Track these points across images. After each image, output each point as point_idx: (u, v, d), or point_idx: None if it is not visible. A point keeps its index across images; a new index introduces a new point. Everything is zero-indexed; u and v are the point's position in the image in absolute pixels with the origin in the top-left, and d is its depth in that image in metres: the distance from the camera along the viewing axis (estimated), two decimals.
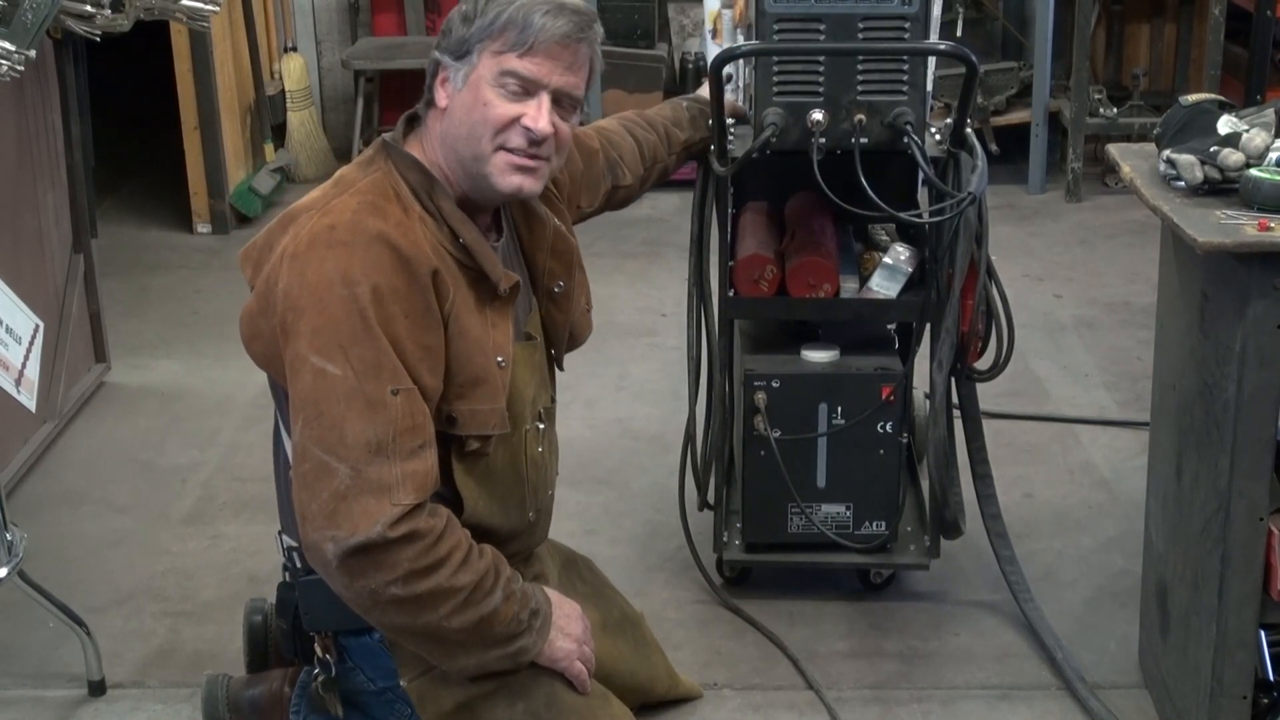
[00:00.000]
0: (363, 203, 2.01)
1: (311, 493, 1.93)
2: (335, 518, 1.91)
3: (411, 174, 2.07)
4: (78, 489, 3.39)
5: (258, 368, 2.09)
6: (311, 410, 1.93)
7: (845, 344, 2.76)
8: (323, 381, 1.93)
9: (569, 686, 2.17)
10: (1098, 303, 4.40)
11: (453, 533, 2.00)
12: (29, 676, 2.71)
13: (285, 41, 5.64)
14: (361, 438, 1.92)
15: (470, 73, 2.05)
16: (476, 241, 2.07)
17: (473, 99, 2.05)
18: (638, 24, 5.45)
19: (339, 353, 1.92)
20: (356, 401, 1.92)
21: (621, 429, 3.64)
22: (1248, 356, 2.08)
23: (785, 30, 2.54)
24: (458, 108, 2.06)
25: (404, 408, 1.94)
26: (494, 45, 2.03)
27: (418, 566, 1.94)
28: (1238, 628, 2.22)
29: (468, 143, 2.06)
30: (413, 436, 1.95)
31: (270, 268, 2.01)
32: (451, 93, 2.07)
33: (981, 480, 2.81)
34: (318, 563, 1.97)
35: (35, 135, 3.54)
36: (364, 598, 1.96)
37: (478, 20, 2.04)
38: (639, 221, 5.17)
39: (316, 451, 1.93)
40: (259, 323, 2.03)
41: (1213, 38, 5.07)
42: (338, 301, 1.93)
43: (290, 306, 1.95)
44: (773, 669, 2.70)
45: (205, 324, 4.31)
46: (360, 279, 1.93)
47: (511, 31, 2.02)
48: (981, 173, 2.50)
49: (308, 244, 1.97)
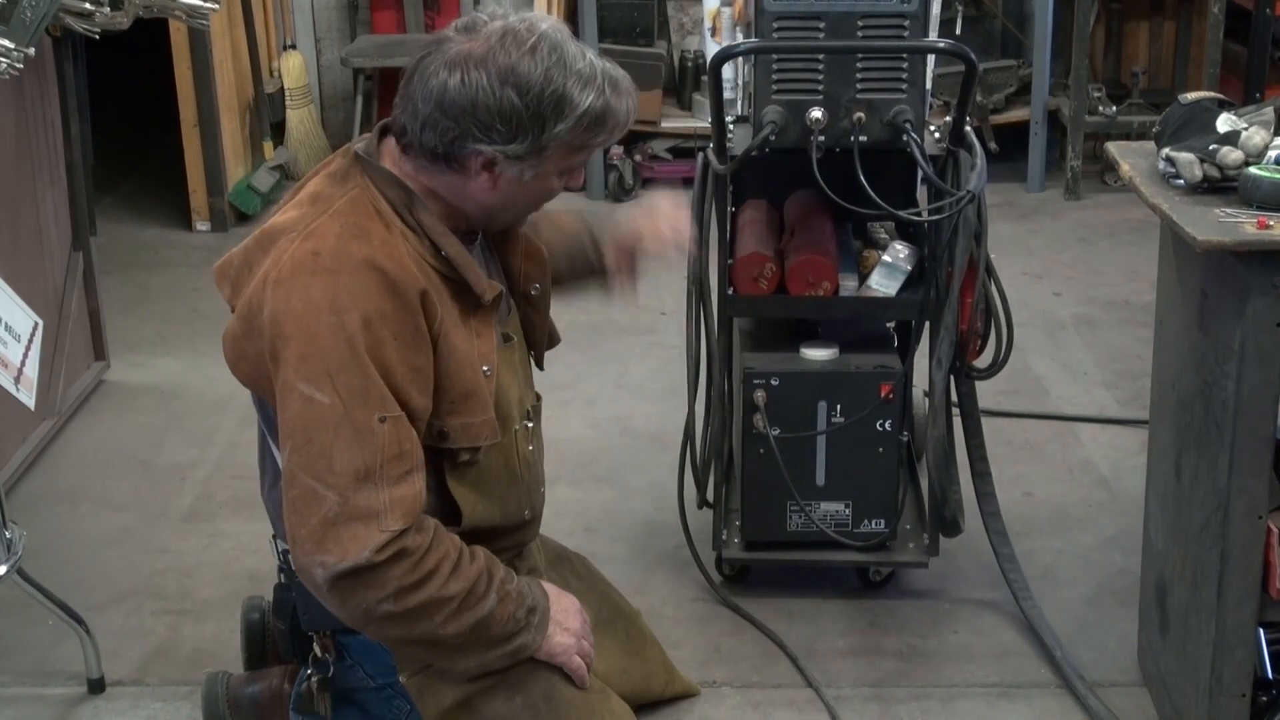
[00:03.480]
0: (345, 225, 1.98)
1: (301, 518, 1.93)
2: (324, 543, 1.91)
3: (389, 190, 2.03)
4: (77, 487, 3.39)
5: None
6: (300, 438, 1.93)
7: (844, 342, 2.76)
8: (310, 409, 1.92)
9: (568, 681, 2.17)
10: (1097, 301, 4.40)
11: (440, 544, 1.99)
12: (28, 674, 2.71)
13: (284, 39, 5.64)
14: (349, 466, 1.92)
15: (540, 168, 2.02)
16: (459, 254, 2.05)
17: (539, 189, 2.06)
18: (637, 22, 5.43)
19: (326, 381, 1.92)
20: (344, 430, 1.92)
21: (621, 427, 3.64)
22: (1247, 354, 2.08)
23: (784, 28, 2.54)
24: (516, 195, 2.05)
25: (391, 435, 1.94)
26: (573, 139, 2.01)
27: (407, 583, 1.94)
28: (1237, 626, 2.22)
29: (519, 211, 2.10)
30: (400, 463, 1.94)
31: (253, 292, 1.99)
32: (507, 182, 2.02)
33: (981, 478, 2.81)
34: (309, 584, 1.97)
35: (34, 133, 3.53)
36: (357, 616, 1.97)
37: (558, 125, 1.97)
38: None
39: (305, 478, 1.93)
40: (244, 345, 2.02)
41: (1212, 36, 5.07)
42: (325, 329, 1.92)
43: (277, 334, 1.94)
44: (772, 667, 2.70)
45: (204, 322, 4.30)
46: (348, 306, 1.92)
47: (597, 130, 2.01)
48: (980, 171, 2.50)
49: (291, 270, 1.95)
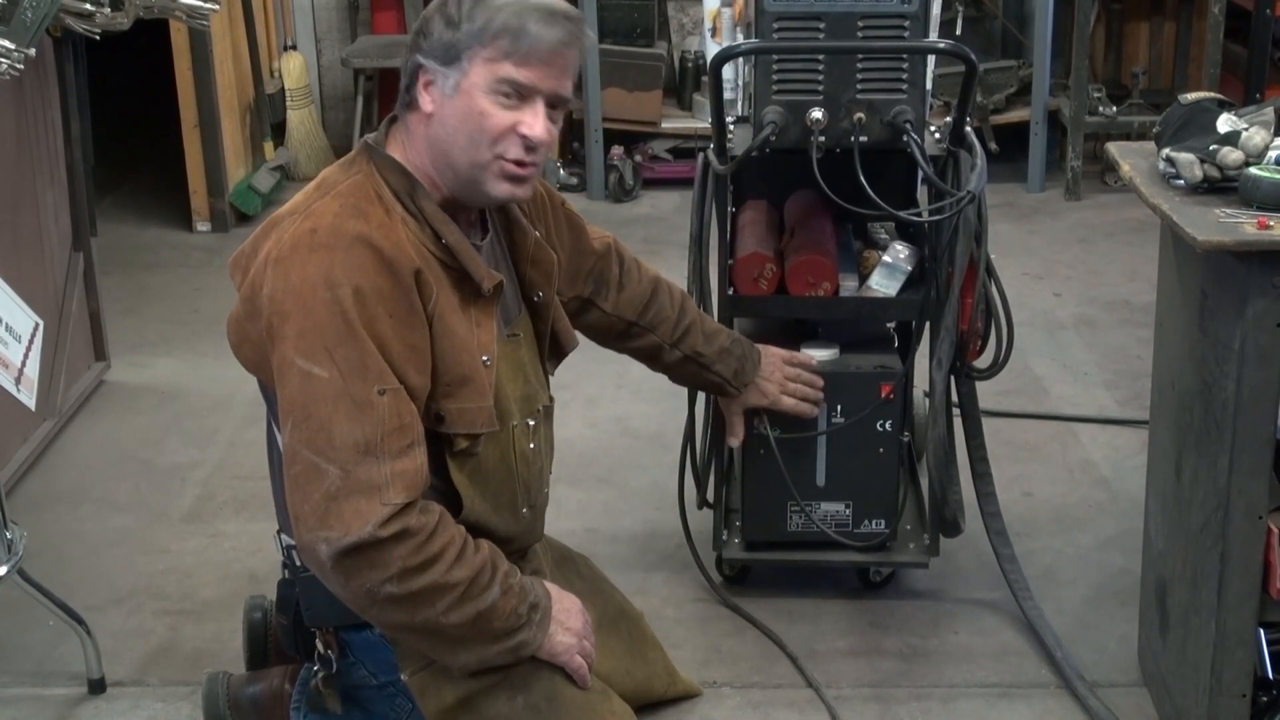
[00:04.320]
0: (344, 205, 2.00)
1: (303, 494, 1.94)
2: (327, 518, 1.92)
3: (392, 176, 2.06)
4: (77, 487, 3.39)
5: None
6: (300, 413, 1.94)
7: (845, 342, 2.76)
8: (309, 384, 1.93)
9: (569, 681, 2.18)
10: (1097, 301, 4.40)
11: (445, 529, 2.00)
12: (29, 675, 2.71)
13: (285, 40, 5.64)
14: (350, 439, 1.92)
15: (461, 80, 2.03)
16: (459, 242, 2.07)
17: (467, 107, 2.03)
18: (637, 22, 5.43)
19: (324, 355, 1.93)
20: (343, 403, 1.93)
21: (621, 428, 3.64)
22: (1247, 355, 2.08)
23: (785, 28, 2.54)
24: (450, 115, 2.05)
25: (391, 407, 1.94)
26: (486, 52, 2.01)
27: (411, 564, 1.95)
28: (1237, 626, 2.22)
29: (466, 150, 2.05)
30: (401, 436, 1.95)
31: (254, 273, 2.01)
32: (439, 98, 2.05)
33: (981, 479, 2.81)
34: (312, 563, 1.98)
35: (35, 133, 3.54)
36: (360, 597, 1.97)
37: (465, 24, 2.01)
38: (639, 220, 5.17)
39: (306, 453, 1.93)
40: (246, 328, 2.04)
41: (1212, 36, 5.07)
42: (321, 304, 1.93)
43: (275, 311, 1.96)
44: (772, 667, 2.70)
45: (205, 322, 4.30)
46: (343, 281, 1.94)
47: (505, 39, 2.00)
48: (981, 171, 2.50)
49: (290, 248, 1.97)
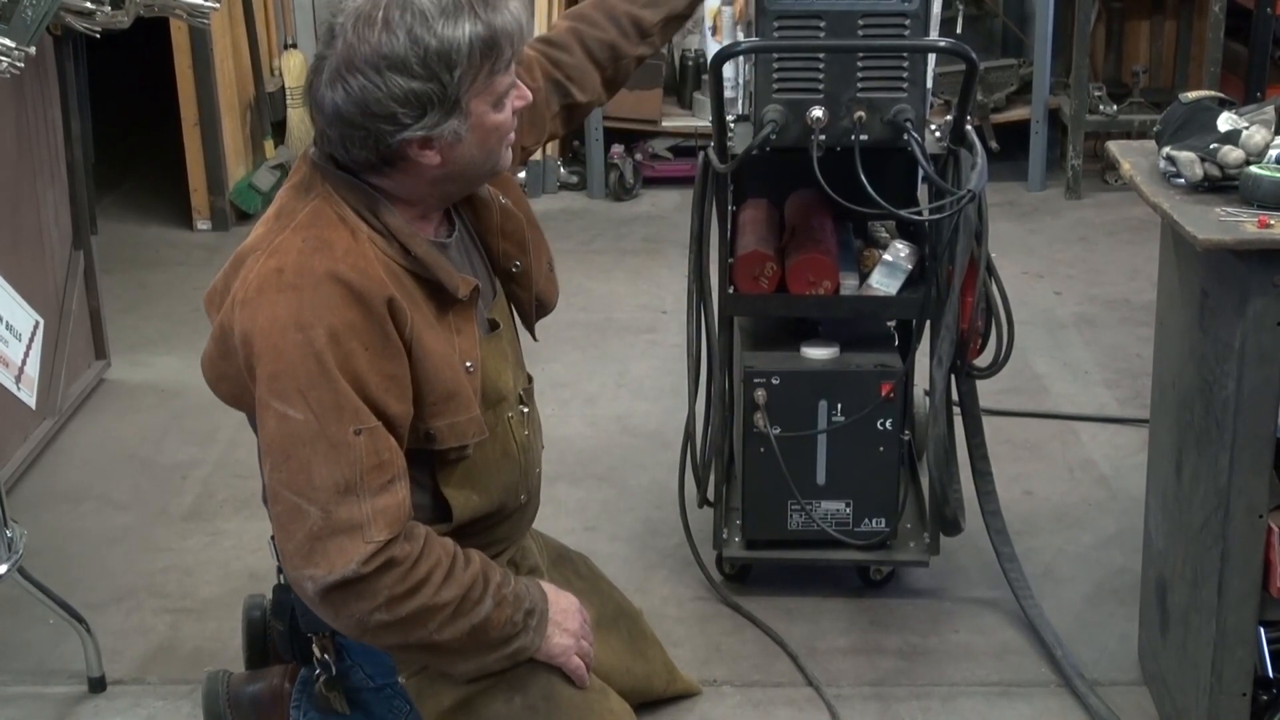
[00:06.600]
0: (307, 239, 1.96)
1: (287, 534, 1.93)
2: (312, 557, 1.92)
3: (350, 195, 2.01)
4: (78, 486, 3.40)
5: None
6: (279, 454, 1.93)
7: (845, 341, 2.76)
8: (285, 426, 1.92)
9: (567, 681, 2.17)
10: (1097, 300, 4.40)
11: (431, 551, 1.99)
12: (29, 673, 2.71)
13: (285, 38, 5.63)
14: (329, 480, 1.91)
15: (468, 119, 1.97)
16: (429, 253, 2.03)
17: (483, 134, 2.00)
18: None
19: (298, 397, 1.91)
20: (320, 445, 1.91)
21: (621, 426, 3.64)
22: (1247, 353, 2.08)
23: (785, 27, 2.54)
24: (467, 150, 2.00)
25: (369, 446, 1.93)
26: (479, 83, 1.96)
27: (398, 591, 1.94)
28: (1237, 625, 2.22)
29: (489, 158, 2.04)
30: (380, 473, 1.94)
31: (224, 314, 1.99)
32: (446, 146, 1.98)
33: (981, 477, 2.81)
34: (302, 597, 1.98)
35: (35, 132, 3.54)
36: (351, 627, 1.97)
37: (444, 74, 1.92)
38: (639, 218, 5.17)
39: (287, 494, 1.93)
40: (221, 366, 2.02)
41: (1213, 35, 5.07)
42: (292, 347, 1.91)
43: (250, 352, 1.94)
44: (772, 666, 2.70)
45: (205, 321, 4.25)
46: (313, 322, 1.91)
47: (490, 58, 1.95)
48: (981, 170, 2.50)
49: (257, 289, 1.95)
